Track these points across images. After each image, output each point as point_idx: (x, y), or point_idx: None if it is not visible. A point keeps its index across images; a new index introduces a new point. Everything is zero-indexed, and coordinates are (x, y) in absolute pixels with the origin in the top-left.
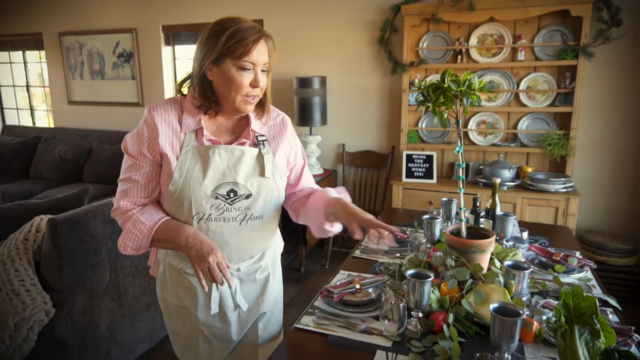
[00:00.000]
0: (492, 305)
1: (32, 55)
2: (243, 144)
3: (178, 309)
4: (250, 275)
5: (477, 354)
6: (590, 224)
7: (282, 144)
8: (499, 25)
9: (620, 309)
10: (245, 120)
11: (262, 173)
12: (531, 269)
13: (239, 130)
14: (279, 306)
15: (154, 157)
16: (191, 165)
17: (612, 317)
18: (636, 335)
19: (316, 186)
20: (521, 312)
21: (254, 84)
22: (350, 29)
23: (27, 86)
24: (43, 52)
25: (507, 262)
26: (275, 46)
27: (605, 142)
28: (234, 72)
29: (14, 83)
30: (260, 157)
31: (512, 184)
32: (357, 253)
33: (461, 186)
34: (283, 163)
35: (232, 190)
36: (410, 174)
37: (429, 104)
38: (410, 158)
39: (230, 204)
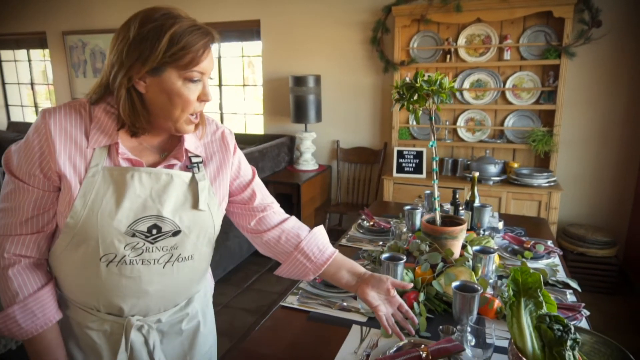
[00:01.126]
0: (454, 283)
1: (36, 54)
2: (172, 166)
3: None
4: (175, 327)
5: (440, 326)
6: (573, 218)
7: (225, 164)
8: (486, 26)
9: (579, 290)
10: (176, 136)
11: (195, 205)
12: (496, 253)
13: (168, 149)
14: None
15: (48, 179)
16: (100, 192)
17: (571, 297)
18: (585, 310)
19: (281, 211)
20: (479, 288)
21: (203, 98)
22: (344, 29)
23: (32, 84)
24: (47, 51)
25: (474, 247)
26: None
27: (587, 139)
28: (179, 85)
29: (18, 81)
30: (193, 184)
31: (497, 178)
32: (343, 242)
33: (435, 178)
34: (224, 188)
35: (155, 226)
36: (400, 169)
37: (404, 102)
38: (400, 154)
39: (152, 243)
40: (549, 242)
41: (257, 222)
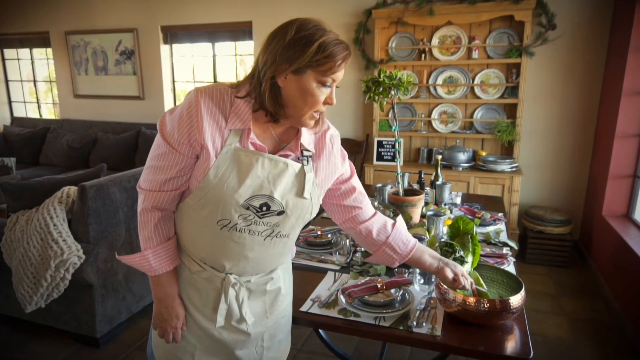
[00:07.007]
0: None
1: (37, 52)
2: (287, 156)
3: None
4: (260, 287)
5: (395, 269)
6: (534, 200)
7: (329, 161)
8: (456, 28)
9: (516, 247)
10: (294, 129)
11: (299, 192)
12: (446, 216)
13: (286, 139)
14: (288, 320)
15: (193, 148)
16: (230, 167)
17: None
18: (511, 257)
19: (370, 207)
20: (424, 238)
21: (328, 101)
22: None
23: (34, 81)
24: (49, 50)
25: (429, 212)
26: None
27: (546, 129)
28: (313, 87)
29: (21, 78)
30: (301, 174)
31: (466, 165)
32: (324, 215)
33: (398, 156)
34: (327, 183)
35: (266, 204)
36: (380, 157)
37: (371, 93)
38: (380, 144)
39: (260, 218)
40: (500, 214)
41: (351, 218)
